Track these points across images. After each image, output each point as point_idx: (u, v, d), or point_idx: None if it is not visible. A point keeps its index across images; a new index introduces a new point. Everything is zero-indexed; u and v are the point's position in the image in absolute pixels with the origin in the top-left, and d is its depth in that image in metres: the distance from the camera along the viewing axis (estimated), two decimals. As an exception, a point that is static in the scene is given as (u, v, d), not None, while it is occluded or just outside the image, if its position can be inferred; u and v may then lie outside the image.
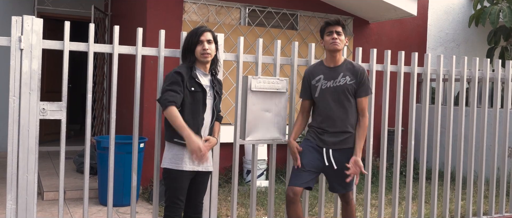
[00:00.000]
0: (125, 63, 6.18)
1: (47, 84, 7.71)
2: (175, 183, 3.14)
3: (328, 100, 3.55)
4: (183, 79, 3.10)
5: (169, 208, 3.17)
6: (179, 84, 3.08)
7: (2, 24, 7.58)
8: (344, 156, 3.55)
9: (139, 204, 5.29)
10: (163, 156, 3.20)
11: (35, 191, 3.13)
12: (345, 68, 3.58)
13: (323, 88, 3.56)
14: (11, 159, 3.07)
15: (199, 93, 3.15)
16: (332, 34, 3.50)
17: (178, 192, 3.15)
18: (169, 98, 3.05)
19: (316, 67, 3.69)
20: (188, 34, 3.26)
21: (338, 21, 3.54)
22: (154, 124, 5.65)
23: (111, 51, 3.34)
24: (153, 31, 5.75)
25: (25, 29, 3.05)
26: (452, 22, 8.84)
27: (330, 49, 3.54)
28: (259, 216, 4.85)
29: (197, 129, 3.14)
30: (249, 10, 6.59)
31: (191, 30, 3.27)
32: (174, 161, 3.14)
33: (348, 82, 3.53)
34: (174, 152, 3.14)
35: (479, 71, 4.85)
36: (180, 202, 3.16)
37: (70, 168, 6.41)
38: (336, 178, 3.60)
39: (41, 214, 4.77)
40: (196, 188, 3.28)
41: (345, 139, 3.55)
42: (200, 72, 3.22)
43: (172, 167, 3.14)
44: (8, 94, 3.07)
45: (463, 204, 5.28)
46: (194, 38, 3.19)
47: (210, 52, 3.20)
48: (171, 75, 3.12)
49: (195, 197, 3.30)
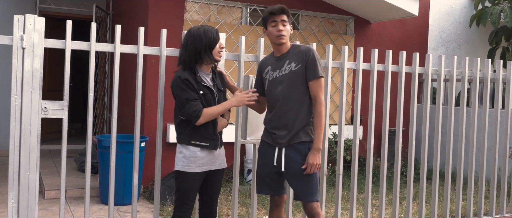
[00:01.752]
0: (126, 62, 6.18)
1: (48, 83, 7.72)
2: (185, 184, 3.13)
3: (275, 93, 3.23)
4: (192, 85, 3.06)
5: (179, 208, 3.16)
6: (194, 90, 3.05)
7: (4, 23, 7.59)
8: (298, 154, 3.18)
9: (140, 203, 5.30)
10: (176, 158, 3.17)
11: (36, 190, 3.14)
12: (291, 54, 3.24)
13: (270, 80, 3.27)
14: (13, 157, 3.08)
15: (208, 95, 3.13)
16: (277, 24, 3.18)
17: (189, 193, 3.14)
18: (196, 109, 3.01)
19: (266, 58, 3.40)
20: (204, 35, 3.09)
21: (283, 9, 3.20)
22: (155, 123, 5.67)
23: (113, 50, 3.35)
24: (154, 30, 5.75)
25: (27, 28, 3.06)
26: (454, 23, 8.83)
27: (276, 43, 3.23)
28: (260, 215, 4.86)
29: (214, 129, 3.15)
30: (251, 9, 6.59)
31: (205, 30, 3.12)
32: (186, 163, 3.11)
33: (294, 68, 3.19)
34: (187, 154, 3.11)
35: (481, 72, 4.85)
36: (190, 203, 3.16)
37: (71, 167, 6.41)
38: (293, 181, 3.24)
39: (42, 212, 4.78)
40: (210, 188, 3.27)
41: (297, 133, 3.18)
42: (203, 73, 3.17)
43: (184, 169, 3.11)
44: (10, 93, 3.08)
45: (464, 204, 5.28)
46: (214, 39, 3.11)
47: None
48: (181, 83, 3.04)
49: (210, 197, 3.29)
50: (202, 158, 3.11)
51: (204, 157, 3.12)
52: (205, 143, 3.10)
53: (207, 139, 3.11)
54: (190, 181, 3.12)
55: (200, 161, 3.11)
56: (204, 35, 3.09)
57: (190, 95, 3.03)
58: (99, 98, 7.74)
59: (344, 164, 6.05)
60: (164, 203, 5.17)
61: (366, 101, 4.87)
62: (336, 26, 7.16)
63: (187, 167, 3.10)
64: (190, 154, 3.10)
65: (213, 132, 3.13)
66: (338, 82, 6.95)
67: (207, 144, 3.11)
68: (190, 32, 3.13)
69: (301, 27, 6.93)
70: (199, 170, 3.12)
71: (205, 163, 3.13)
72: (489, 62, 4.86)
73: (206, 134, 3.11)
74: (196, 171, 3.11)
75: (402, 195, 5.67)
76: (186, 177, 3.11)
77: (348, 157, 6.35)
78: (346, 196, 5.52)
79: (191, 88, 3.03)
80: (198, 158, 3.10)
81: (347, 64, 4.12)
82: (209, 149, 3.12)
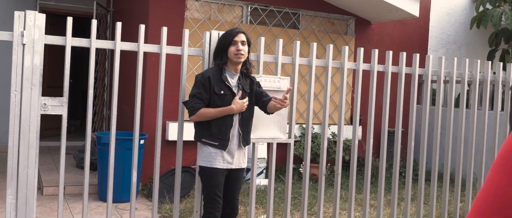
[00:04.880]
0: (126, 60, 6.18)
1: (47, 79, 7.71)
2: (211, 180, 3.21)
3: None
4: (210, 84, 3.17)
5: (209, 204, 3.23)
6: (206, 91, 3.18)
7: (4, 19, 7.58)
8: None
9: (138, 200, 5.30)
10: (198, 155, 3.30)
11: (35, 186, 3.14)
12: None
13: None
14: (12, 153, 3.07)
15: (228, 96, 3.22)
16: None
17: (216, 189, 3.22)
18: (196, 106, 3.15)
19: None
20: (223, 35, 3.30)
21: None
22: (154, 121, 5.67)
23: (113, 48, 3.34)
24: (155, 28, 5.75)
25: (28, 24, 3.06)
26: (454, 24, 8.83)
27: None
28: (258, 214, 4.86)
29: (225, 129, 3.22)
30: (251, 8, 6.59)
31: (225, 31, 3.32)
32: (208, 159, 3.21)
33: None
34: (207, 150, 3.22)
35: (480, 74, 4.85)
36: (219, 198, 3.23)
37: (70, 163, 6.41)
38: None
39: (40, 209, 4.78)
40: (231, 185, 3.35)
41: None
42: (230, 73, 3.28)
43: (206, 165, 3.22)
44: (10, 89, 3.08)
45: (462, 206, 5.29)
46: (228, 38, 3.23)
47: (244, 53, 3.25)
48: (200, 79, 3.20)
49: (231, 194, 3.36)
50: (216, 154, 3.20)
51: (217, 153, 3.21)
52: (214, 142, 3.21)
53: (217, 138, 3.21)
54: (214, 176, 3.21)
55: (219, 157, 3.21)
56: (223, 36, 3.29)
57: (199, 92, 3.17)
58: (98, 95, 7.74)
59: (343, 164, 6.05)
60: (163, 200, 5.17)
61: (365, 102, 4.87)
62: (337, 26, 7.15)
63: (209, 163, 3.21)
64: (210, 150, 3.21)
65: (220, 132, 3.20)
66: (338, 82, 6.95)
67: (216, 143, 3.21)
68: None
69: (302, 27, 6.93)
70: (220, 166, 3.21)
71: (225, 160, 3.23)
72: (489, 64, 4.87)
73: (215, 133, 3.20)
74: (217, 166, 3.21)
75: (401, 195, 5.67)
76: (208, 172, 3.21)
77: (347, 157, 6.35)
78: (345, 196, 5.52)
79: (205, 87, 3.17)
80: (218, 154, 3.20)
81: (347, 64, 4.12)
82: (218, 148, 3.21)
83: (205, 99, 3.18)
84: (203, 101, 3.18)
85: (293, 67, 3.95)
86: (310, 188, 5.79)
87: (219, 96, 3.20)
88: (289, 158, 3.92)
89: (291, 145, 3.91)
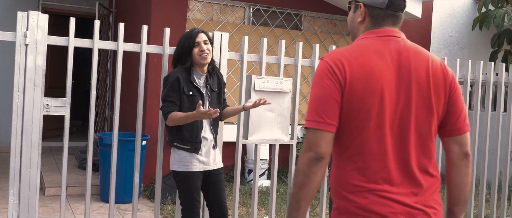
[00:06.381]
0: (129, 61, 6.18)
1: (50, 80, 7.71)
2: (187, 184, 3.14)
3: None
4: (179, 85, 3.11)
5: (187, 209, 3.17)
6: (176, 93, 3.11)
7: (7, 20, 7.59)
8: None
9: (140, 201, 5.30)
10: (171, 159, 3.21)
11: (37, 187, 3.14)
12: None
13: None
14: (14, 154, 3.07)
15: (197, 97, 3.16)
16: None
17: (194, 192, 3.15)
18: (166, 110, 3.11)
19: None
20: (182, 38, 3.22)
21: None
22: (157, 122, 5.66)
23: (116, 48, 3.34)
24: (157, 28, 5.75)
25: (31, 24, 3.06)
26: (456, 25, 8.82)
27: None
28: (260, 215, 4.85)
29: (196, 132, 3.16)
30: (254, 9, 6.59)
31: (183, 34, 3.25)
32: (183, 163, 3.15)
33: None
34: (181, 154, 3.16)
35: (483, 75, 4.84)
36: (197, 202, 3.16)
37: (72, 164, 6.41)
38: None
39: (42, 209, 4.78)
40: (214, 189, 3.26)
41: None
42: (197, 74, 3.22)
43: (182, 169, 3.15)
44: (12, 90, 3.08)
45: (465, 207, 5.27)
46: (190, 41, 3.17)
47: (208, 52, 3.19)
48: (170, 82, 3.13)
49: (216, 198, 3.27)
50: (191, 157, 3.14)
51: (192, 156, 3.14)
52: (185, 145, 3.14)
53: (188, 142, 3.14)
54: (190, 180, 3.14)
55: (194, 160, 3.14)
56: (183, 39, 3.21)
57: (168, 95, 3.12)
58: (100, 96, 7.74)
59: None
60: (165, 201, 5.17)
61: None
62: (339, 27, 7.15)
63: (184, 167, 3.14)
64: (183, 154, 3.14)
65: (191, 135, 3.14)
66: (340, 83, 6.94)
67: (187, 147, 3.14)
68: None
69: (304, 28, 6.92)
70: (195, 169, 3.15)
71: (201, 162, 3.16)
72: (492, 66, 4.85)
73: (186, 136, 3.14)
74: (192, 170, 3.14)
75: (403, 197, 5.66)
76: (184, 176, 3.14)
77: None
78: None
79: (173, 88, 3.10)
80: (193, 157, 3.14)
81: (349, 65, 4.10)
82: (190, 151, 3.14)
83: (176, 101, 3.11)
84: (174, 103, 3.11)
85: (296, 68, 3.94)
86: (312, 189, 5.77)
87: (188, 98, 3.13)
88: (292, 159, 3.92)
89: (293, 146, 3.90)
